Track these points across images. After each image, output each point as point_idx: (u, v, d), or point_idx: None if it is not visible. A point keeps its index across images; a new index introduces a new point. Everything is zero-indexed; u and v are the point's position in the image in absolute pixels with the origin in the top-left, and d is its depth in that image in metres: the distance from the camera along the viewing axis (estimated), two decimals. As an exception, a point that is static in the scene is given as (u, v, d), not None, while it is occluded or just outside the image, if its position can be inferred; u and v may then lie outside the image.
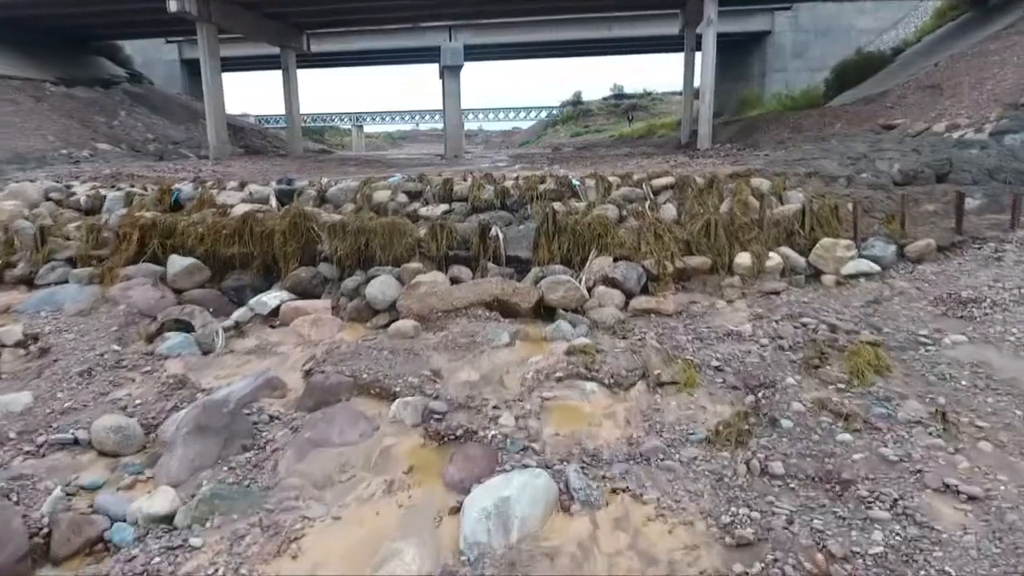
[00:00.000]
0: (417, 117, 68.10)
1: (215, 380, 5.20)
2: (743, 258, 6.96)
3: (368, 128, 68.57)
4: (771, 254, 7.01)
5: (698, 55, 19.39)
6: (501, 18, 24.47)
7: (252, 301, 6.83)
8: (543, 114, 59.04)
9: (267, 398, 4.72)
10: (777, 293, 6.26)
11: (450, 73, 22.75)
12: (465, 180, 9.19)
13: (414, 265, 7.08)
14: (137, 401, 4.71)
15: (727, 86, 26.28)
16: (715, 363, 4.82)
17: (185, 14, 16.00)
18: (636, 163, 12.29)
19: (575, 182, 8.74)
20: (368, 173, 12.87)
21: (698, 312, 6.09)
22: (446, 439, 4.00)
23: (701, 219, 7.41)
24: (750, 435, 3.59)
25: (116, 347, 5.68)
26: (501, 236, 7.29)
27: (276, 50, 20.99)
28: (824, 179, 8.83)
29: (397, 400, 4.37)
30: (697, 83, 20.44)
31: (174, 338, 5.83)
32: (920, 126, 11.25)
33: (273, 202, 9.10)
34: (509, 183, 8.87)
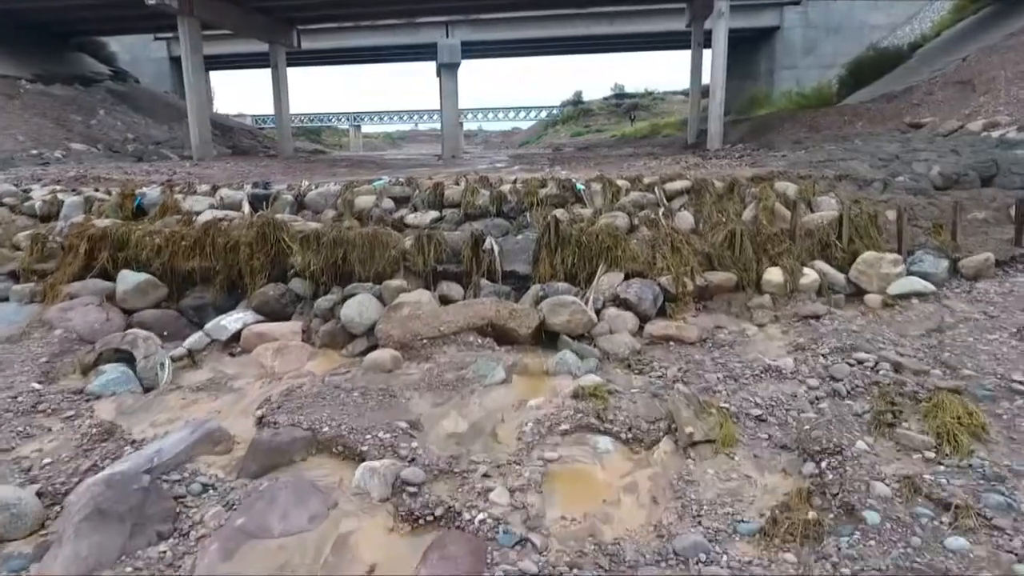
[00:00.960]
0: (416, 117, 67.31)
1: (150, 428, 4.32)
2: (773, 274, 6.08)
3: (366, 128, 67.76)
4: (805, 269, 6.13)
5: (706, 52, 18.62)
6: (499, 13, 23.61)
7: (209, 325, 5.94)
8: (543, 114, 58.22)
9: (206, 455, 3.84)
10: (817, 317, 5.37)
11: (447, 71, 21.90)
12: (458, 184, 8.31)
13: (396, 282, 6.19)
14: (47, 460, 3.82)
15: (734, 84, 25.34)
16: (755, 411, 3.94)
17: (165, 7, 15.14)
18: (644, 164, 11.41)
19: (580, 186, 7.86)
20: (359, 175, 12.03)
21: (726, 340, 5.20)
22: (421, 521, 3.11)
23: (723, 229, 6.53)
24: (821, 530, 2.70)
25: (37, 385, 4.79)
26: (496, 249, 6.41)
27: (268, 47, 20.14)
28: (856, 183, 7.94)
29: (363, 465, 3.48)
30: (705, 80, 19.64)
31: (109, 372, 4.94)
32: (952, 124, 10.37)
33: (246, 208, 8.22)
34: (506, 187, 7.99)
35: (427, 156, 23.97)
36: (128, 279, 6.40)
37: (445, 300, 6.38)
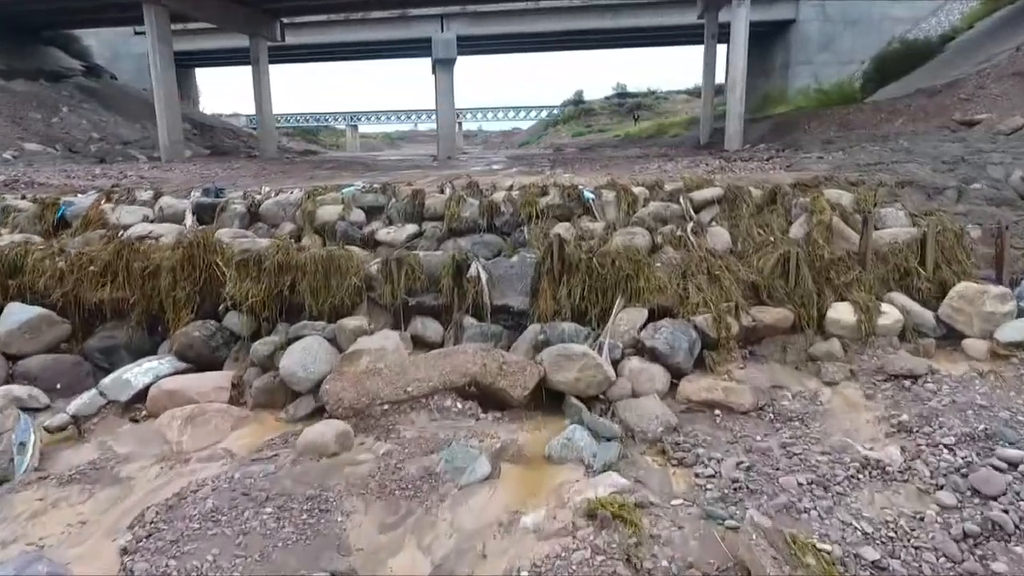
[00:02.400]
0: (414, 117, 65.96)
1: (-30, 557, 2.94)
2: (841, 312, 4.71)
3: (365, 128, 66.41)
4: (883, 306, 4.76)
5: (720, 47, 17.28)
6: (497, 5, 22.24)
7: (107, 380, 4.56)
8: (543, 114, 56.86)
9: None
10: (915, 378, 3.99)
11: (442, 67, 20.51)
12: (442, 191, 6.93)
13: (355, 322, 4.82)
14: None
15: (745, 81, 24.02)
16: (868, 551, 2.57)
17: (129, -7, 13.78)
18: (658, 167, 10.04)
19: (588, 195, 6.48)
20: (342, 178, 10.69)
21: (793, 411, 3.83)
22: None
23: (772, 251, 5.15)
24: None
25: None
26: (484, 277, 5.03)
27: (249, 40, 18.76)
28: (923, 190, 6.56)
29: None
30: (719, 76, 18.28)
31: (-57, 459, 3.57)
32: (1016, 121, 9.00)
33: (188, 220, 6.85)
34: (499, 195, 6.60)
35: (423, 157, 22.64)
36: (13, 315, 5.03)
37: (419, 342, 5.02)
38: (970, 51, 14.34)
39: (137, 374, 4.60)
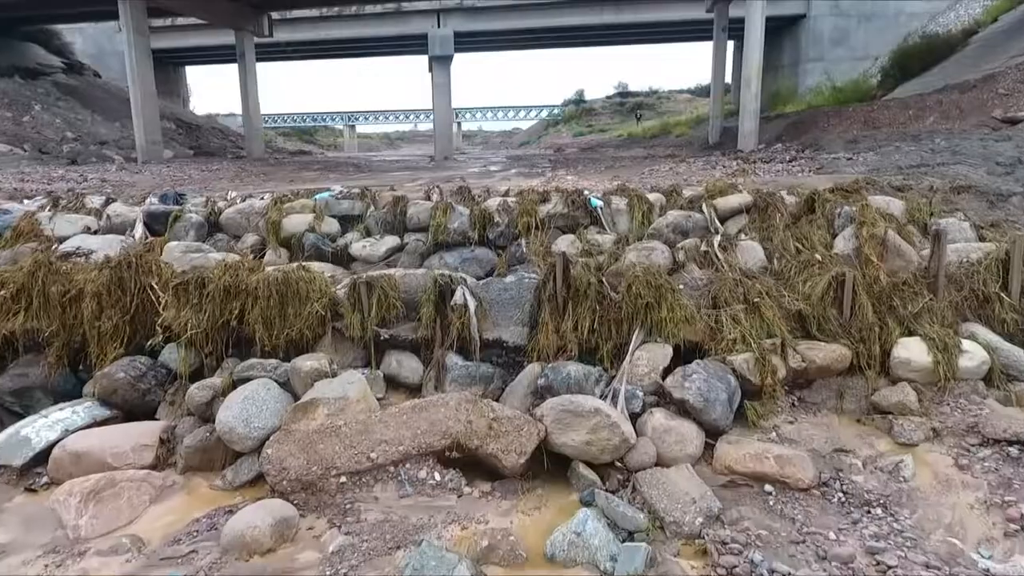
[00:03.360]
0: (412, 116, 65.08)
1: None
2: (912, 349, 3.82)
3: (363, 128, 65.52)
4: (964, 343, 3.87)
5: (730, 43, 16.44)
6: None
7: (1, 437, 3.67)
8: (543, 113, 56.00)
9: None
10: (1023, 444, 3.09)
11: (439, 64, 19.66)
12: (428, 198, 6.05)
13: (311, 363, 3.92)
14: None
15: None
16: None
17: (102, -17, 12.90)
18: (669, 169, 9.15)
19: (595, 202, 5.60)
20: (329, 181, 9.83)
21: (869, 490, 2.95)
22: None
23: (820, 272, 4.27)
24: None
25: None
26: (472, 305, 4.13)
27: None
28: (983, 197, 5.68)
29: None
30: (728, 73, 17.41)
31: None
32: (1068, 118, 8.09)
33: (139, 231, 5.99)
34: (493, 202, 5.72)
35: (419, 157, 21.77)
36: (-101, 353, 4.14)
37: (394, 384, 4.15)
38: (999, 44, 13.45)
39: (40, 428, 3.71)
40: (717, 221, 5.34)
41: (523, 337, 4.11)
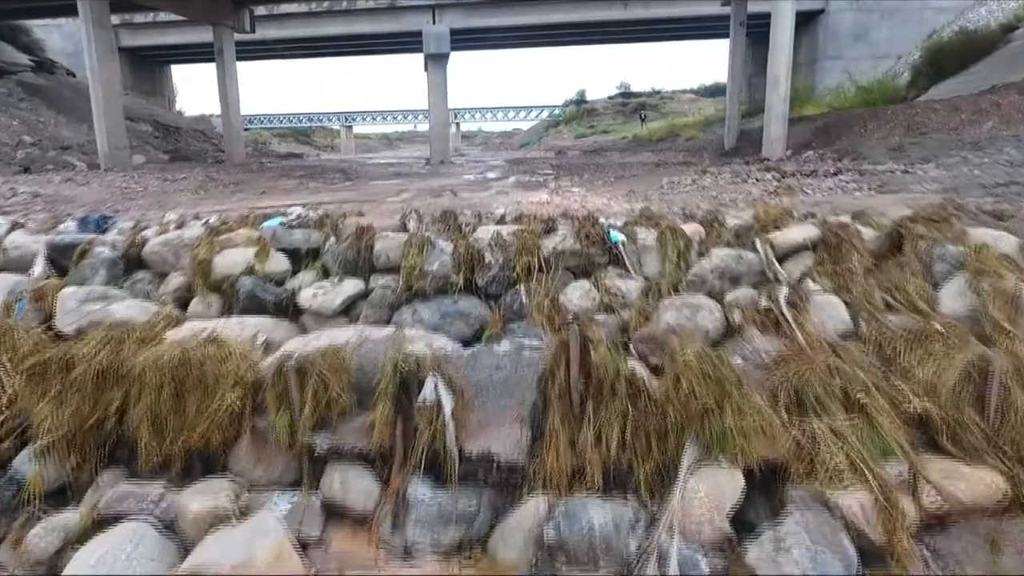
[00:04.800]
0: (412, 116, 63.83)
1: None
2: (1101, 479, 2.55)
3: (361, 129, 64.33)
4: None
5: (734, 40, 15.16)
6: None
7: None
8: (544, 114, 54.76)
9: None
10: None
11: (435, 63, 18.40)
12: (403, 227, 4.78)
13: (201, 503, 2.66)
14: None
15: (762, 79, 21.81)
16: None
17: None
18: (693, 182, 7.88)
19: (616, 236, 4.33)
20: (305, 193, 8.63)
21: None
22: None
23: (947, 353, 3.00)
24: None
25: None
26: (448, 405, 2.85)
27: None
28: (1115, 229, 4.40)
29: None
30: (738, 73, 16.13)
31: None
32: None
33: (38, 268, 4.75)
34: (485, 235, 4.44)
35: (415, 160, 20.58)
36: None
37: (337, 515, 2.88)
38: (1050, 40, 12.20)
39: None
40: (777, 264, 4.08)
41: (522, 450, 2.84)
